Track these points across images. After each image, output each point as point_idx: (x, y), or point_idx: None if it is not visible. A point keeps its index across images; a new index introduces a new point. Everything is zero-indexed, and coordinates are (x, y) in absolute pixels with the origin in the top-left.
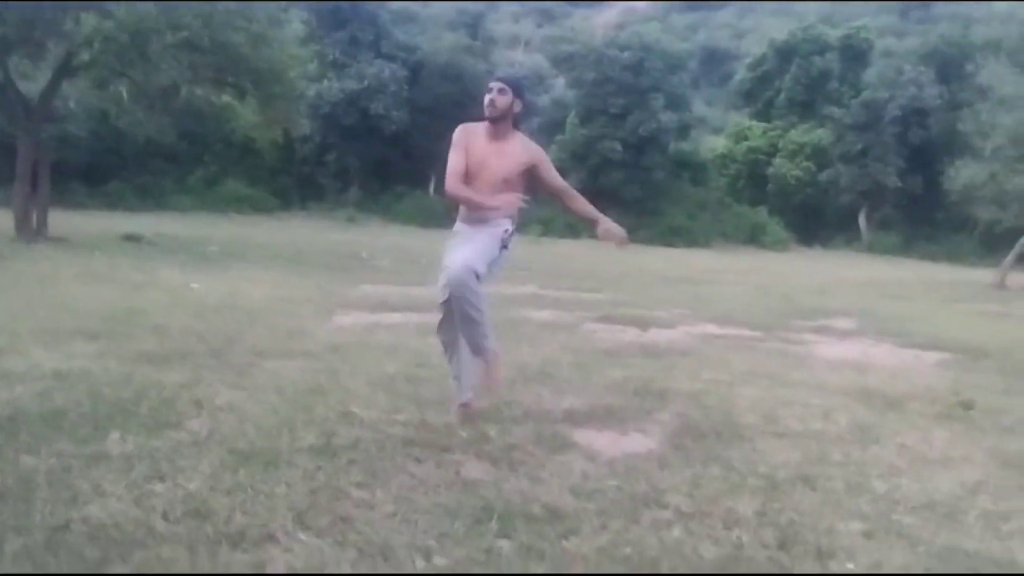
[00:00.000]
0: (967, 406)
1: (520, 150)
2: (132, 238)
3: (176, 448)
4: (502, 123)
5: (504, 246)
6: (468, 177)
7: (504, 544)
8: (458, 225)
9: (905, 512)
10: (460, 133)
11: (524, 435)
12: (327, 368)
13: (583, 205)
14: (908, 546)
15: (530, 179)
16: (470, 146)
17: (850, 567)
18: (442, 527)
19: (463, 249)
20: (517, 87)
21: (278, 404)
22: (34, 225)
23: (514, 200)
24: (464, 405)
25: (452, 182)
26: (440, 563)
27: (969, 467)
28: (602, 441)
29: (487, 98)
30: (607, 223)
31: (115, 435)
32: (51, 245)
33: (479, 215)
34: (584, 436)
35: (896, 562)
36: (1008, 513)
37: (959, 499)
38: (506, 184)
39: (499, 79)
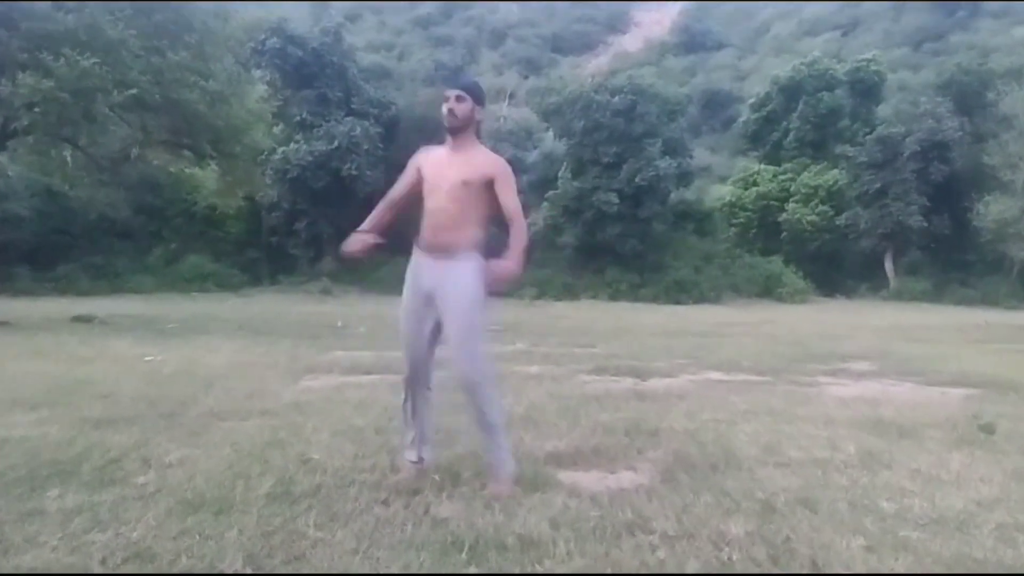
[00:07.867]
0: (988, 430)
1: (483, 160)
2: (83, 319)
3: (120, 502)
4: (464, 133)
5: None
6: (425, 192)
7: (472, 570)
8: (415, 257)
9: (913, 528)
10: (416, 156)
11: None
12: (288, 424)
13: (513, 242)
14: (913, 558)
15: (492, 200)
16: (424, 164)
17: None
18: (406, 559)
19: (461, 335)
20: (477, 94)
21: (232, 458)
22: None
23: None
24: (417, 462)
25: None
26: None
27: (986, 486)
28: (587, 479)
29: (445, 108)
30: (505, 263)
31: (53, 492)
32: None
33: (438, 242)
34: (568, 476)
35: (898, 571)
36: None
37: (973, 515)
38: (466, 189)
39: (457, 86)
